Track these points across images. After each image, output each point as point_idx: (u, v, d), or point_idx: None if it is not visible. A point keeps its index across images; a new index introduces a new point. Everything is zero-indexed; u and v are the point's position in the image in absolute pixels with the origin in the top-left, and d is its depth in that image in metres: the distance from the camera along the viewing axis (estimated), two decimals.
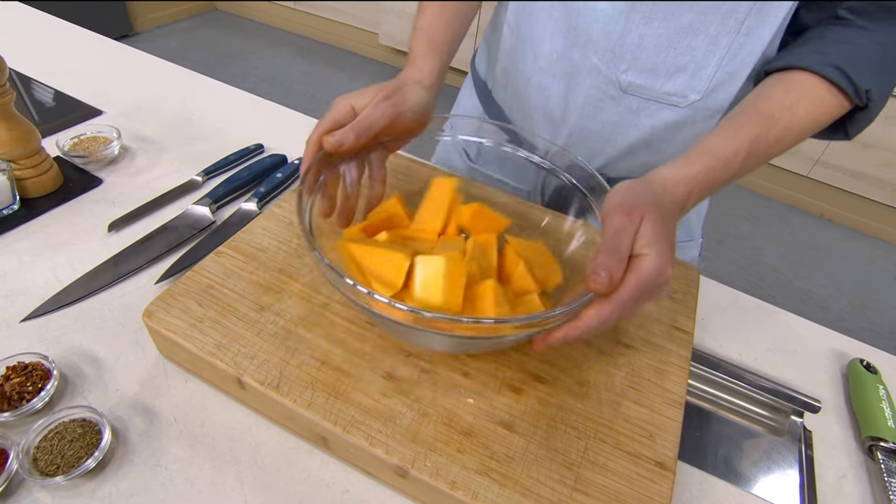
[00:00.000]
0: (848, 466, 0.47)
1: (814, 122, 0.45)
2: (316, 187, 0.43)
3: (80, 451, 0.37)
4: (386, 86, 0.45)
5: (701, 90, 0.52)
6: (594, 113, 0.56)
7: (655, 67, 0.51)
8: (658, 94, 0.53)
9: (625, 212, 0.36)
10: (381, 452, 0.35)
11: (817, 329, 0.60)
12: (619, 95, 0.54)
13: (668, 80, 0.52)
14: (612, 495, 0.35)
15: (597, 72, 0.53)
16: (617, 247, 0.35)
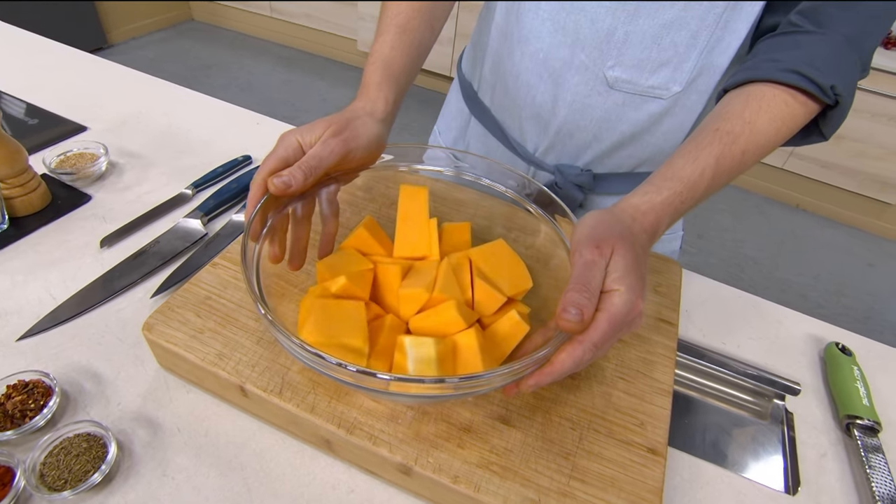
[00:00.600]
0: (828, 444, 0.50)
1: (777, 131, 0.45)
2: (263, 233, 0.41)
3: (86, 465, 0.37)
4: (335, 119, 0.43)
5: (683, 82, 0.54)
6: (582, 109, 0.58)
7: (641, 62, 0.53)
8: (643, 87, 0.55)
9: (594, 244, 0.36)
10: (384, 451, 0.36)
11: (795, 316, 0.63)
12: (605, 91, 0.56)
13: (652, 74, 0.54)
14: (608, 481, 0.37)
15: (585, 68, 0.55)
16: (587, 282, 0.34)
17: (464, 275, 0.43)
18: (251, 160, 0.72)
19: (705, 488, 0.44)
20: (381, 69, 0.49)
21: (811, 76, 0.43)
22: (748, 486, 0.45)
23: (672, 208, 0.41)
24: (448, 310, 0.38)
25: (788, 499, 0.45)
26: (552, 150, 0.62)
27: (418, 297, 0.40)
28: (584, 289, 0.34)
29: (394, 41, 0.50)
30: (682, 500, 0.43)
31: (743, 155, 0.43)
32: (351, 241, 0.46)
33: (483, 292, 0.42)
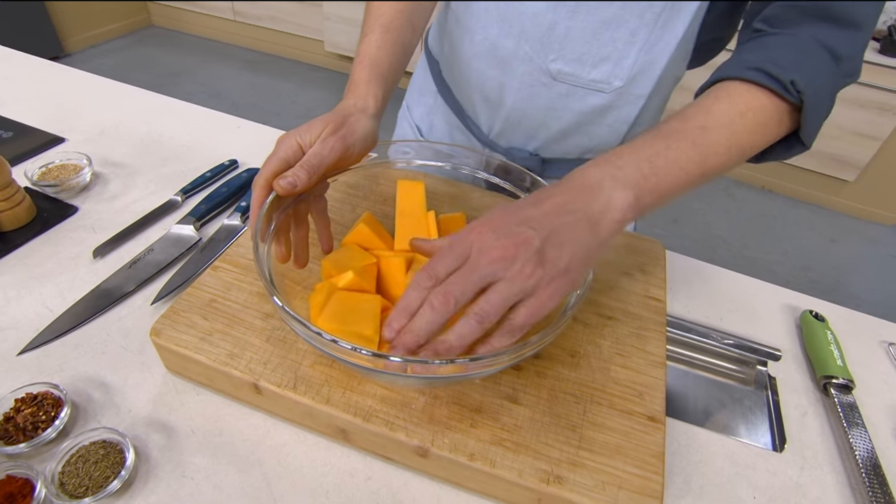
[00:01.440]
0: (808, 404, 0.53)
1: (739, 115, 0.42)
2: (269, 233, 0.42)
3: (106, 472, 0.38)
4: (330, 118, 0.44)
5: (623, 77, 0.56)
6: (528, 98, 0.60)
7: (581, 57, 0.56)
8: (585, 81, 0.57)
9: None
10: (402, 436, 0.38)
11: (771, 288, 0.67)
12: (549, 82, 0.58)
13: (593, 68, 0.56)
14: (614, 449, 0.39)
15: (529, 60, 0.57)
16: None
17: None
18: (237, 164, 0.72)
19: (701, 452, 0.47)
20: (368, 67, 0.50)
21: (771, 72, 0.42)
22: (739, 446, 0.48)
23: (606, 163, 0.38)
24: None
25: (776, 455, 0.48)
26: (503, 133, 0.65)
27: None
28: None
29: (379, 40, 0.51)
30: (680, 463, 0.46)
31: (702, 131, 0.41)
32: (352, 237, 0.48)
33: None
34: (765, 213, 2.37)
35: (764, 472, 0.46)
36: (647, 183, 0.38)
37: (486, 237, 0.33)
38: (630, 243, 0.60)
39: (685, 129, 0.41)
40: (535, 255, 0.32)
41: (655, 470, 0.38)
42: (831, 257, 2.16)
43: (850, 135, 2.18)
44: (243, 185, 0.66)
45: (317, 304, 0.41)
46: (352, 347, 0.32)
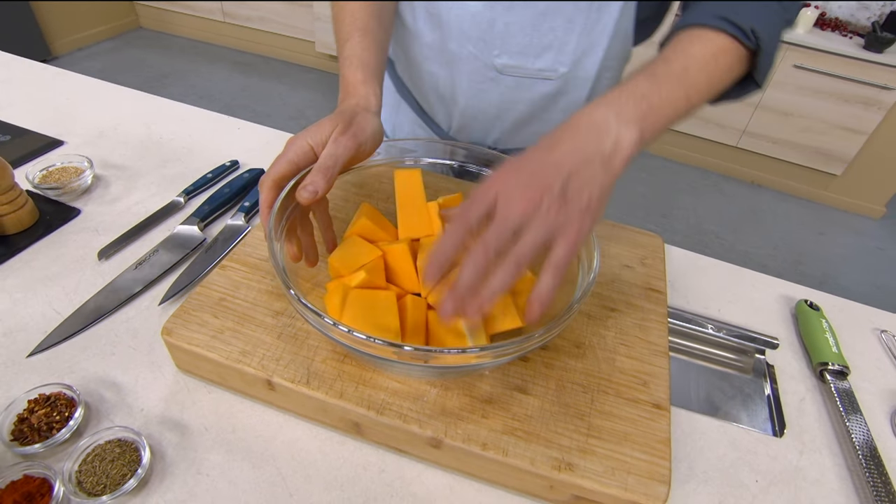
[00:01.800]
0: (805, 390, 0.55)
1: (712, 57, 0.44)
2: (280, 232, 0.42)
3: (123, 469, 0.38)
4: (337, 118, 0.44)
5: (567, 63, 0.58)
6: (479, 93, 0.62)
7: (524, 49, 0.58)
8: (532, 71, 0.59)
9: None
10: (415, 428, 0.39)
11: (767, 279, 0.68)
12: (497, 77, 0.60)
13: (537, 58, 0.58)
14: (622, 436, 0.40)
15: (474, 58, 0.59)
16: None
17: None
18: (238, 165, 0.72)
19: (703, 438, 0.48)
20: (360, 68, 0.50)
21: (734, 20, 0.44)
22: (741, 432, 0.49)
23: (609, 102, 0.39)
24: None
25: (776, 441, 0.49)
26: (462, 129, 0.67)
27: None
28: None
29: (362, 43, 0.52)
30: (683, 450, 0.47)
31: (684, 71, 0.43)
32: (355, 229, 0.48)
33: None
34: (754, 208, 2.40)
35: (765, 456, 0.48)
36: (647, 120, 0.40)
37: (511, 188, 0.34)
38: (630, 237, 0.61)
39: (670, 71, 0.42)
40: (557, 198, 0.34)
41: (663, 455, 0.39)
42: (820, 250, 2.20)
43: (837, 129, 2.22)
44: (246, 185, 0.66)
45: (333, 305, 0.41)
46: (367, 337, 0.33)
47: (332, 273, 0.46)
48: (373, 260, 0.44)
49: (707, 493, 0.44)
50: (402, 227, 0.48)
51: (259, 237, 0.53)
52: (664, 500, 0.37)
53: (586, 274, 0.42)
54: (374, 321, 0.39)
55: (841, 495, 0.46)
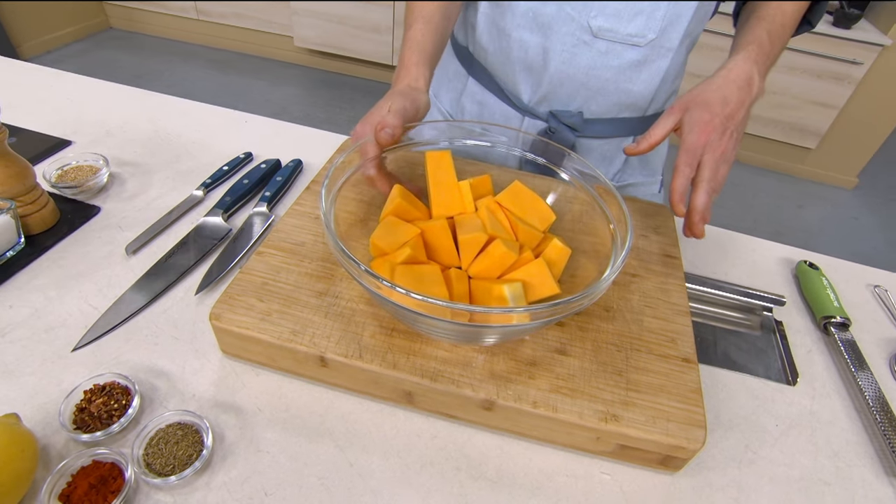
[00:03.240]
0: (811, 343, 0.58)
1: (798, 11, 0.60)
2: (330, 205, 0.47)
3: (188, 450, 0.39)
4: (395, 95, 0.52)
5: (656, 29, 0.61)
6: (570, 59, 0.64)
7: (619, 12, 0.60)
8: (623, 35, 0.62)
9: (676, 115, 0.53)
10: (469, 392, 0.41)
11: (767, 244, 0.72)
12: (590, 40, 0.62)
13: (629, 22, 0.61)
14: (657, 388, 0.43)
15: (571, 20, 0.61)
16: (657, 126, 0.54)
17: (500, 216, 0.49)
18: (252, 157, 0.73)
19: (725, 390, 0.52)
20: (416, 52, 0.57)
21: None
22: (758, 382, 0.53)
23: (752, 60, 0.54)
24: (497, 248, 0.44)
25: (790, 389, 0.53)
26: (545, 99, 0.68)
27: (477, 240, 0.44)
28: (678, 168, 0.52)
29: (422, 30, 0.59)
30: (709, 401, 0.50)
31: (783, 28, 0.58)
32: (390, 209, 0.50)
33: (524, 233, 0.48)
34: (735, 183, 2.47)
35: (782, 403, 0.51)
36: (765, 70, 0.56)
37: (714, 141, 0.51)
38: (641, 208, 0.64)
39: (774, 30, 0.58)
40: (735, 143, 0.53)
41: (696, 403, 0.42)
42: (799, 222, 2.28)
43: (810, 104, 2.30)
44: (264, 176, 0.67)
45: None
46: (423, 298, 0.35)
47: (373, 252, 0.47)
48: (414, 237, 0.45)
49: (734, 438, 0.47)
50: (436, 206, 0.50)
51: (291, 224, 0.54)
52: (702, 441, 0.40)
53: (619, 248, 0.44)
54: (425, 290, 0.41)
55: (852, 433, 0.50)
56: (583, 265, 0.50)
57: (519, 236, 0.48)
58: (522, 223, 0.48)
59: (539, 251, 0.48)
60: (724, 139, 0.51)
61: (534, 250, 0.48)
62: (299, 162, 0.71)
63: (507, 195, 0.50)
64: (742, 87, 0.53)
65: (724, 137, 0.51)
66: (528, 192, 0.51)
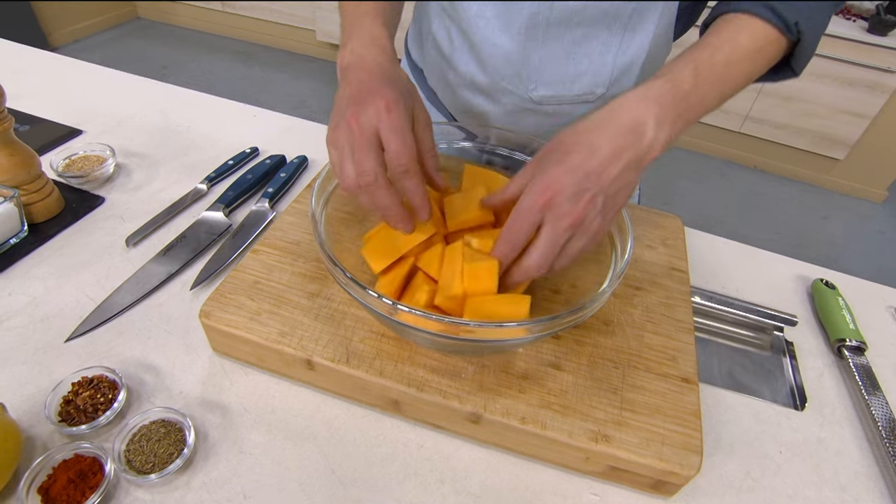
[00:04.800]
0: (823, 366, 0.56)
1: (757, 50, 0.44)
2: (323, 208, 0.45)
3: (169, 448, 0.39)
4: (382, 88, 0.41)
5: (605, 84, 0.58)
6: (516, 121, 0.62)
7: (560, 79, 0.58)
8: (569, 98, 0.59)
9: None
10: (455, 403, 0.39)
11: (782, 259, 0.69)
12: (534, 107, 0.60)
13: (573, 84, 0.58)
14: (654, 409, 0.41)
15: (510, 92, 0.59)
16: (504, 189, 0.41)
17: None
18: (258, 152, 0.73)
19: (728, 412, 0.49)
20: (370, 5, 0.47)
21: (779, 12, 0.44)
22: (764, 406, 0.50)
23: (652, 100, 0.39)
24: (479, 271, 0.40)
25: (798, 414, 0.50)
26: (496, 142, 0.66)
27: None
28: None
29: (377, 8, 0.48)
30: (709, 423, 0.48)
31: (727, 66, 0.43)
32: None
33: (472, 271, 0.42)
34: (757, 192, 2.41)
35: (788, 429, 0.49)
36: (680, 121, 0.41)
37: (562, 204, 0.37)
38: (651, 219, 0.62)
39: (714, 64, 0.43)
40: (599, 212, 0.38)
41: (694, 426, 0.41)
42: (824, 234, 2.21)
43: (840, 113, 2.22)
44: (268, 171, 0.66)
45: None
46: (410, 309, 0.34)
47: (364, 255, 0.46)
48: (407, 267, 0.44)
49: (734, 464, 0.45)
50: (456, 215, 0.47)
51: (288, 222, 0.53)
52: (697, 468, 0.38)
53: (619, 258, 0.43)
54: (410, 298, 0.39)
55: (862, 465, 0.47)
56: (585, 274, 0.49)
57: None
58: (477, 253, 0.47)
59: None
60: (578, 205, 0.36)
61: None
62: (304, 159, 0.70)
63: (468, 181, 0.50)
64: (626, 133, 0.38)
65: (580, 202, 0.36)
66: (482, 170, 0.51)
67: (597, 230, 0.38)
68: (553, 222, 0.37)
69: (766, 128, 2.37)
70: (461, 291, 0.39)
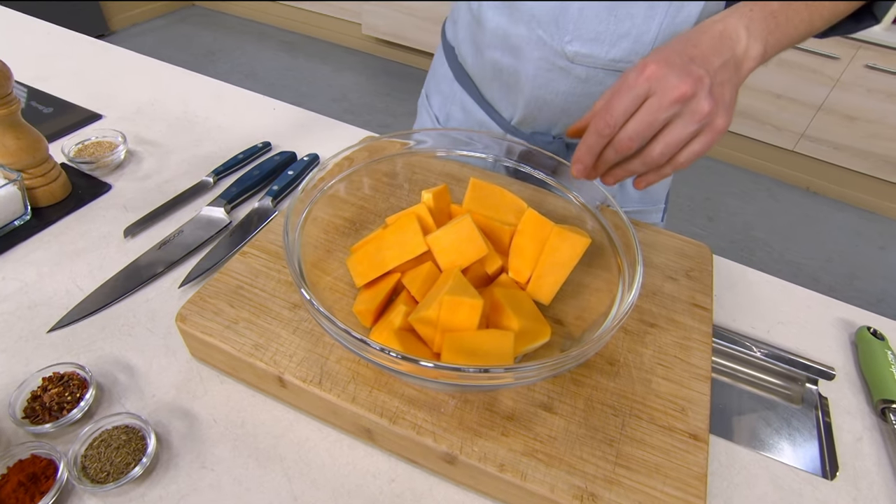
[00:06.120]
0: (863, 429, 0.49)
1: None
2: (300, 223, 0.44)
3: (127, 458, 0.37)
4: None
5: (645, 53, 0.52)
6: (546, 84, 0.57)
7: (599, 36, 0.52)
8: (604, 61, 0.54)
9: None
10: (429, 441, 0.36)
11: (824, 300, 0.62)
12: (567, 66, 0.55)
13: (612, 47, 0.53)
14: (653, 468, 0.37)
15: (543, 44, 0.54)
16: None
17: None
18: (271, 146, 0.71)
19: (742, 473, 0.44)
20: None
21: None
22: (785, 470, 0.45)
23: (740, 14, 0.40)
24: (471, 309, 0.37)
25: (827, 483, 0.44)
26: (525, 120, 0.62)
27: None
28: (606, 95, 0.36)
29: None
30: (720, 484, 0.43)
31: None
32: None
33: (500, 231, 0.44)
34: (809, 216, 2.26)
35: (812, 500, 0.43)
36: (772, 37, 0.41)
37: (667, 76, 0.34)
38: (676, 245, 0.56)
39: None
40: (709, 92, 0.34)
41: (697, 493, 0.36)
42: (879, 266, 2.05)
43: None
44: (276, 168, 0.64)
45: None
46: (380, 348, 0.31)
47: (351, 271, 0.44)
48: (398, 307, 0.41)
49: None
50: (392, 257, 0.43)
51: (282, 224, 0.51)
52: None
53: (627, 289, 0.38)
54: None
55: None
56: (595, 304, 0.44)
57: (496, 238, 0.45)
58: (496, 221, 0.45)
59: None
60: (687, 79, 0.34)
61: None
62: (316, 157, 0.68)
63: (472, 197, 0.47)
64: (720, 37, 0.38)
65: (689, 77, 0.34)
66: (489, 186, 0.47)
67: (711, 119, 0.35)
68: (660, 93, 0.34)
69: (823, 148, 2.22)
70: (435, 316, 0.36)
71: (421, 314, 0.37)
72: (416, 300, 0.40)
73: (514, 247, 0.45)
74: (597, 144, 0.36)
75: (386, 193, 0.53)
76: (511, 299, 0.40)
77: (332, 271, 0.46)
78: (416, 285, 0.40)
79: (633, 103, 0.35)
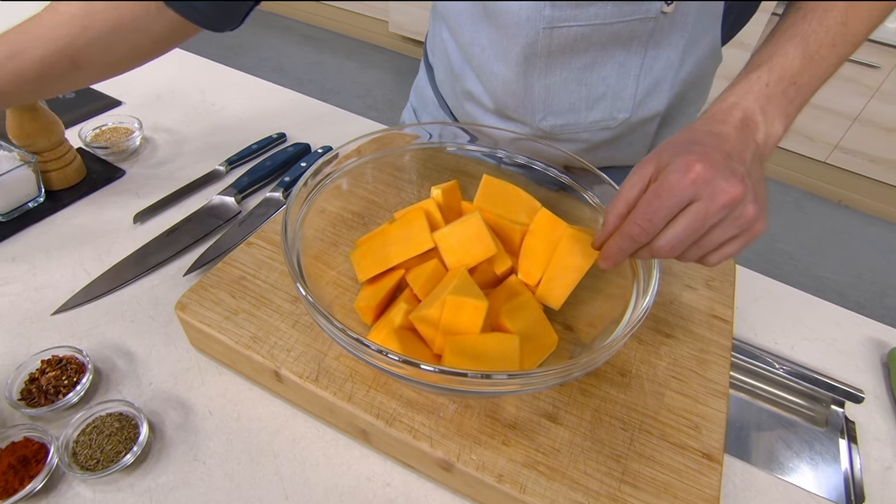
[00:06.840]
0: (893, 458, 0.46)
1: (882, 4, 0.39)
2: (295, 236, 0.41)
3: (118, 446, 0.37)
4: None
5: (627, 109, 0.51)
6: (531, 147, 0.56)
7: (572, 107, 0.51)
8: (585, 125, 0.52)
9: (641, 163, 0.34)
10: (425, 446, 0.34)
11: (854, 317, 0.59)
12: (547, 136, 0.54)
13: (589, 111, 0.51)
14: (661, 487, 0.34)
15: (519, 121, 0.54)
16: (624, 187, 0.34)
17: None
18: (285, 137, 0.70)
19: (758, 497, 0.42)
20: None
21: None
22: (806, 497, 0.42)
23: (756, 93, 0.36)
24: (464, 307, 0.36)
25: None
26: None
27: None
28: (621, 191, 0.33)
29: None
30: None
31: (843, 26, 0.38)
32: None
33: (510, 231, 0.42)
34: (839, 230, 2.18)
35: None
36: (792, 106, 0.37)
37: (716, 180, 0.31)
38: None
39: (826, 29, 0.37)
40: (754, 195, 0.32)
41: None
42: None
43: None
44: (288, 159, 0.64)
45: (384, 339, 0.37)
46: (378, 349, 0.29)
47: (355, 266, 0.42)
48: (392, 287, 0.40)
49: None
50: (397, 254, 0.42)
51: None
52: None
53: (642, 295, 0.36)
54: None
55: None
56: (606, 312, 0.42)
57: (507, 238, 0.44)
58: (507, 221, 0.43)
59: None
60: (733, 182, 0.31)
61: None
62: (330, 149, 0.67)
63: (483, 194, 0.45)
64: (739, 128, 0.35)
65: (735, 179, 0.31)
66: (502, 183, 0.46)
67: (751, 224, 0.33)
68: (707, 199, 0.31)
69: (858, 160, 2.14)
70: (437, 315, 0.34)
71: (422, 312, 0.35)
72: (419, 298, 0.39)
73: (524, 247, 0.43)
74: (631, 248, 0.33)
75: (396, 188, 0.51)
76: (513, 308, 0.39)
77: (337, 265, 0.45)
78: (419, 283, 0.38)
79: (676, 208, 0.32)
